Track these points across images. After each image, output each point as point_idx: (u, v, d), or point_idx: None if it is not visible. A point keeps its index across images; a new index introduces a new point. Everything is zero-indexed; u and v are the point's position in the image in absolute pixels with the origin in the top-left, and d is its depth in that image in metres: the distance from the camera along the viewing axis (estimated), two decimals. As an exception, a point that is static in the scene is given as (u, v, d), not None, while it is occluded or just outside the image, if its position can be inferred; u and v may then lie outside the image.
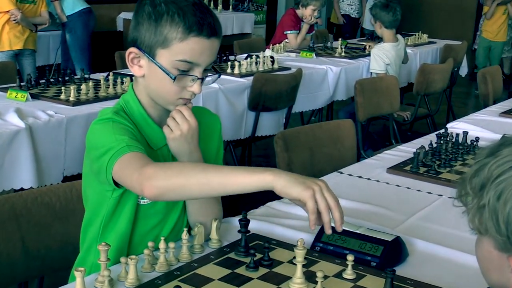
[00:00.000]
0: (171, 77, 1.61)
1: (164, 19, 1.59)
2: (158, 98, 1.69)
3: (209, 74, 1.70)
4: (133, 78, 1.77)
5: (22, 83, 3.61)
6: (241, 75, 4.32)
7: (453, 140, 2.75)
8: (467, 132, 2.82)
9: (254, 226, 1.85)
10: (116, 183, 1.55)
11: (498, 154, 1.06)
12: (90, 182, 1.72)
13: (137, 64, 1.67)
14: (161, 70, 1.61)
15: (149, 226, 1.73)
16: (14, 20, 5.08)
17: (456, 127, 3.12)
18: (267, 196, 2.17)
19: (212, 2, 7.98)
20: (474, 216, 1.08)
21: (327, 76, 4.96)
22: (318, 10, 5.74)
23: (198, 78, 1.63)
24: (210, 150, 1.82)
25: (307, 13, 5.71)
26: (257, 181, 1.38)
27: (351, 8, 9.38)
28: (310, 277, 1.53)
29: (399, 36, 5.20)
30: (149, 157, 1.54)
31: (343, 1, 9.31)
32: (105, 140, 1.57)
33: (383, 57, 4.93)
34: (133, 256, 1.51)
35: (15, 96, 3.38)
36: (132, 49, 1.65)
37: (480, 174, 1.07)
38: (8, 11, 5.08)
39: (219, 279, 1.54)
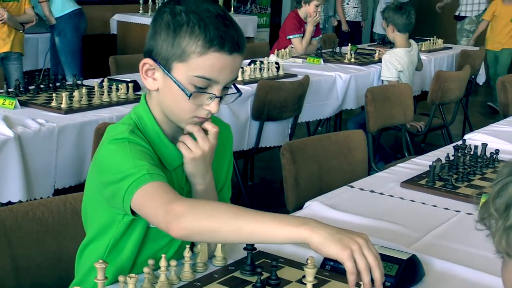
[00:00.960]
0: (186, 94, 1.57)
1: (183, 30, 1.54)
2: (171, 115, 1.65)
3: (229, 93, 1.66)
4: (146, 90, 1.73)
5: (9, 89, 3.60)
6: (244, 82, 4.31)
7: (471, 152, 2.75)
8: (487, 144, 2.82)
9: (261, 243, 1.86)
10: (133, 212, 1.53)
11: None
12: (97, 203, 1.68)
13: (151, 76, 1.63)
14: (176, 85, 1.58)
15: (156, 248, 1.71)
16: (1, 20, 5.09)
17: (474, 138, 3.13)
18: (275, 210, 2.19)
19: (213, 5, 7.96)
20: (501, 238, 1.07)
21: (336, 83, 4.96)
22: (321, 6, 5.72)
23: (216, 97, 1.60)
24: (223, 166, 1.81)
25: (311, 9, 5.69)
26: (291, 235, 1.34)
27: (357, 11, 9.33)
28: (321, 297, 1.55)
29: (412, 41, 5.21)
30: (172, 187, 1.52)
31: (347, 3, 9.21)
32: (122, 164, 1.54)
33: (395, 63, 4.94)
34: (132, 275, 1.50)
35: (3, 103, 3.37)
36: (147, 60, 1.62)
37: (503, 194, 1.07)
38: None
39: (224, 300, 1.55)
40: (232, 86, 1.66)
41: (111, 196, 1.57)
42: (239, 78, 4.32)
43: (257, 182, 5.06)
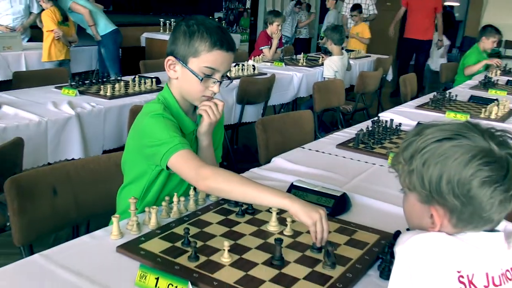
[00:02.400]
0: (199, 78, 1.59)
1: (196, 35, 1.57)
2: (187, 95, 1.67)
3: (224, 79, 1.68)
4: (167, 80, 1.73)
5: (72, 83, 3.56)
6: (230, 78, 4.26)
7: (383, 125, 2.75)
8: (393, 120, 2.83)
9: (241, 185, 1.84)
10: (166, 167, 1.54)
11: (422, 134, 1.07)
12: (135, 158, 1.68)
13: (173, 69, 1.64)
14: (191, 73, 1.60)
15: (171, 188, 1.71)
16: (57, 37, 5.04)
17: (384, 116, 3.13)
18: (252, 165, 2.18)
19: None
20: (405, 178, 1.08)
21: (293, 79, 4.95)
22: (281, 25, 5.69)
23: (218, 81, 1.62)
24: (217, 132, 1.82)
25: (274, 28, 5.63)
26: (278, 203, 1.36)
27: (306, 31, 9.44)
28: (282, 221, 1.54)
29: (344, 51, 5.20)
30: (196, 154, 1.55)
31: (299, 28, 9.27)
32: (160, 134, 1.53)
33: (332, 66, 4.93)
34: (154, 207, 1.50)
35: (68, 92, 3.34)
36: (170, 58, 1.63)
37: (409, 148, 1.07)
38: (52, 30, 5.03)
39: (216, 223, 1.54)
40: (226, 75, 1.68)
41: (151, 155, 1.56)
42: (227, 75, 4.30)
43: (240, 146, 5.05)
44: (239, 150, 4.96)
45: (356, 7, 7.58)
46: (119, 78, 3.87)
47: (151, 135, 1.56)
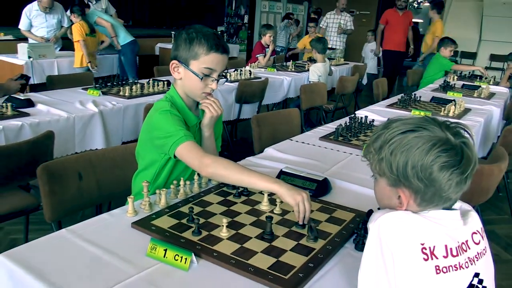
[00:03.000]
0: (199, 77, 1.57)
1: (195, 41, 1.55)
2: (190, 93, 1.64)
3: (221, 78, 1.65)
4: (173, 81, 1.71)
5: (96, 85, 3.52)
6: (231, 81, 4.25)
7: (359, 121, 2.73)
8: (367, 116, 2.80)
9: (238, 171, 1.82)
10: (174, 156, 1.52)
11: (389, 127, 1.06)
12: (147, 147, 1.65)
13: (177, 71, 1.62)
14: (192, 73, 1.57)
15: (178, 173, 1.69)
16: (93, 69, 5.07)
17: (360, 113, 3.10)
18: (248, 154, 2.16)
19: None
20: (376, 165, 1.07)
21: (283, 82, 4.90)
22: (272, 36, 5.64)
23: (215, 79, 1.60)
24: (217, 126, 1.79)
25: (267, 39, 5.60)
26: (268, 187, 1.35)
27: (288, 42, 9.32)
28: (272, 201, 1.52)
29: (326, 59, 5.16)
30: (198, 145, 1.52)
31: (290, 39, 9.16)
32: (168, 127, 1.52)
33: (317, 71, 4.89)
34: (164, 189, 1.48)
35: (92, 93, 3.30)
36: (174, 62, 1.61)
37: (378, 140, 1.06)
38: (78, 41, 5.00)
39: (217, 203, 1.51)
40: (222, 75, 1.65)
41: (161, 146, 1.54)
42: (230, 79, 4.28)
43: (238, 138, 5.02)
44: (238, 142, 4.93)
45: (313, 20, 7.29)
46: (136, 81, 3.84)
47: (160, 128, 1.54)
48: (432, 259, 0.95)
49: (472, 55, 10.38)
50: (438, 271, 0.95)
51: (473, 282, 1.01)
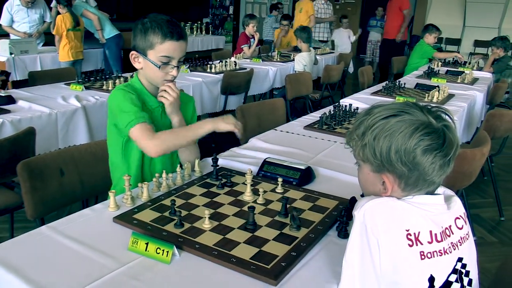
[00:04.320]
0: (157, 66, 1.58)
1: (149, 31, 1.56)
2: (152, 81, 1.65)
3: (181, 64, 1.65)
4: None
5: (79, 80, 3.47)
6: (216, 73, 4.20)
7: (343, 109, 2.72)
8: (352, 104, 2.80)
9: (222, 162, 1.81)
10: None
11: (371, 113, 1.05)
12: (111, 131, 1.67)
13: (137, 61, 1.63)
14: (151, 63, 1.58)
15: (160, 168, 1.69)
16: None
17: (345, 101, 3.10)
18: (234, 145, 2.14)
19: (198, 30, 7.72)
20: (359, 152, 1.06)
21: (269, 73, 4.88)
22: (256, 26, 5.60)
23: (175, 66, 1.60)
24: (188, 112, 1.78)
25: (250, 29, 5.55)
26: (206, 129, 1.54)
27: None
28: (255, 192, 1.51)
29: (311, 48, 5.14)
30: (150, 125, 1.55)
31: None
32: (123, 103, 1.56)
33: (302, 61, 4.88)
34: (146, 183, 1.46)
35: (75, 88, 3.26)
36: (133, 52, 1.62)
37: (361, 126, 1.05)
38: (55, 34, 4.95)
39: (199, 195, 1.50)
40: (183, 61, 1.66)
41: (119, 123, 1.58)
42: (213, 70, 4.24)
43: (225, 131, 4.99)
44: (225, 133, 4.91)
45: (287, 17, 6.71)
46: (120, 75, 3.79)
47: (116, 105, 1.58)
48: (417, 245, 0.95)
49: (457, 41, 10.43)
50: (422, 257, 0.95)
51: (456, 267, 1.01)
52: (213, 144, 4.25)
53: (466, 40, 10.37)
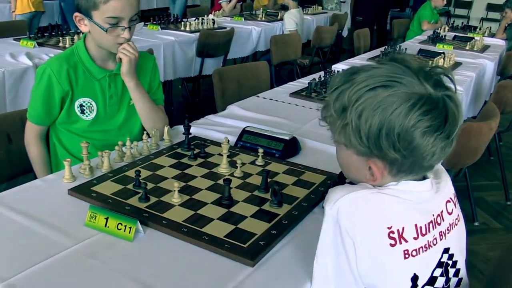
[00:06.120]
0: (104, 30, 1.57)
1: None
2: (101, 44, 1.65)
3: (134, 24, 1.63)
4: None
5: (31, 35, 3.41)
6: (191, 31, 4.17)
7: (335, 75, 2.73)
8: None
9: (196, 131, 1.81)
10: None
11: (353, 82, 0.93)
12: None
13: (82, 24, 1.61)
14: (97, 26, 1.57)
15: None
16: None
17: (338, 67, 3.11)
18: (211, 111, 2.14)
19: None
20: (340, 133, 0.96)
21: (252, 33, 4.86)
22: None
23: (125, 28, 1.59)
24: (146, 75, 1.79)
25: None
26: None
27: None
28: (232, 164, 1.51)
29: (299, 6, 5.15)
30: (42, 128, 1.71)
31: None
32: (34, 93, 1.66)
33: (293, 18, 4.90)
34: (107, 151, 1.45)
35: (26, 44, 3.21)
36: (76, 14, 1.61)
37: (340, 99, 0.94)
38: None
39: (169, 166, 1.50)
40: (137, 18, 1.65)
41: None
42: (188, 29, 4.21)
43: (201, 98, 4.97)
44: (201, 102, 4.89)
45: None
46: (78, 31, 3.72)
47: (33, 86, 1.68)
48: (400, 243, 0.92)
49: (468, 4, 10.47)
50: (406, 256, 0.93)
51: (442, 259, 1.00)
52: (186, 114, 4.24)
53: (478, 3, 10.40)
